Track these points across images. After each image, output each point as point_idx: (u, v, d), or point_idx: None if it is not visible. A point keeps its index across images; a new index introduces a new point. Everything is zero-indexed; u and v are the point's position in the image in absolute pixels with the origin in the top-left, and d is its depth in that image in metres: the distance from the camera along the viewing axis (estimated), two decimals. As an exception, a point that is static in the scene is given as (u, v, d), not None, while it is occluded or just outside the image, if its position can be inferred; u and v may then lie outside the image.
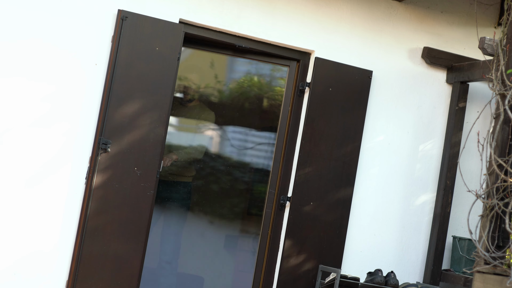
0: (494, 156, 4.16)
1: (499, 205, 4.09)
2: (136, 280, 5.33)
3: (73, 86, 5.30)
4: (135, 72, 5.36)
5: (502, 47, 4.29)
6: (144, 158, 5.36)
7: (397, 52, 6.12)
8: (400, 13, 6.14)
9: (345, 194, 5.89)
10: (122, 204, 5.32)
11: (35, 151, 5.21)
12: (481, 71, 5.85)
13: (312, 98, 5.83)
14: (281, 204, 5.84)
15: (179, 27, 5.47)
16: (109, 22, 5.38)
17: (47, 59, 5.25)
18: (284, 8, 5.82)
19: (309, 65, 5.91)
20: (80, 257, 5.23)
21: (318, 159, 5.83)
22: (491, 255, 4.03)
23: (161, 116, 5.40)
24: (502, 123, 4.20)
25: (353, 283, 5.67)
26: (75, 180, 5.29)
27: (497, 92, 4.24)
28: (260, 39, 5.77)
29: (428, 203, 6.15)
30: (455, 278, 5.89)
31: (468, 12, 6.32)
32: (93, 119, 5.33)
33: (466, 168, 6.02)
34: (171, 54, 5.44)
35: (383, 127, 6.08)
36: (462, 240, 6.01)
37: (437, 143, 6.19)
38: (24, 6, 5.21)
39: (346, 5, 5.99)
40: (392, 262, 6.04)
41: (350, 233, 5.94)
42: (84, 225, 5.24)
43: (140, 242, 5.34)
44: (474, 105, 6.26)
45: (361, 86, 5.96)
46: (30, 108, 5.20)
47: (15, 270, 5.16)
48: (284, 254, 5.75)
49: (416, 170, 6.14)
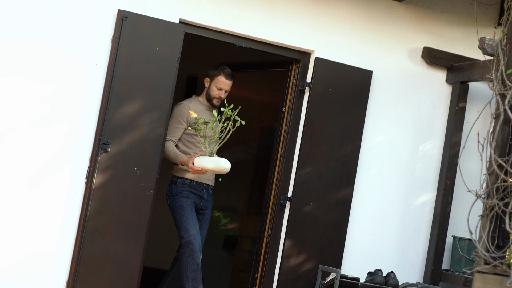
0: (494, 156, 4.17)
1: (499, 205, 4.09)
2: (136, 280, 5.33)
3: (73, 86, 5.30)
4: (135, 72, 5.36)
5: (502, 47, 4.30)
6: (144, 158, 5.36)
7: (397, 52, 6.12)
8: (400, 13, 6.14)
9: (345, 194, 5.89)
10: (122, 204, 5.32)
11: (35, 151, 5.21)
12: (481, 71, 5.85)
13: (312, 98, 5.83)
14: (281, 204, 5.84)
15: (179, 27, 5.47)
16: (109, 22, 5.38)
17: (47, 59, 5.25)
18: (284, 8, 5.82)
19: (309, 65, 5.91)
20: (80, 257, 5.23)
21: (318, 159, 5.83)
22: (491, 255, 4.03)
23: (161, 116, 5.40)
24: (502, 123, 4.20)
25: (353, 283, 5.67)
26: (75, 180, 5.28)
27: (497, 92, 4.24)
28: (260, 39, 5.77)
29: (428, 203, 6.15)
30: (455, 278, 5.89)
31: (468, 12, 6.32)
32: (93, 119, 5.33)
33: (466, 168, 6.02)
34: (171, 54, 5.44)
35: (383, 127, 6.08)
36: (462, 240, 6.01)
37: (437, 143, 6.19)
38: (24, 6, 5.21)
39: (346, 5, 5.99)
40: (392, 262, 6.04)
41: (350, 233, 5.94)
42: (84, 225, 5.24)
43: (140, 242, 5.34)
44: (474, 105, 6.26)
45: (361, 86, 5.96)
46: (30, 108, 5.20)
47: (15, 270, 5.16)
48: (284, 254, 5.75)
49: (416, 170, 6.14)
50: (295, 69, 5.92)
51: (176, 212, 5.65)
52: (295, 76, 5.91)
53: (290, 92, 5.92)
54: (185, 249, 5.52)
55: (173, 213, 5.67)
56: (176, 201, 5.67)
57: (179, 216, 5.63)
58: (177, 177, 5.73)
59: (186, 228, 5.55)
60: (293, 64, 5.93)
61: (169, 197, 5.72)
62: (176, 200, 5.67)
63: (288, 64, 5.98)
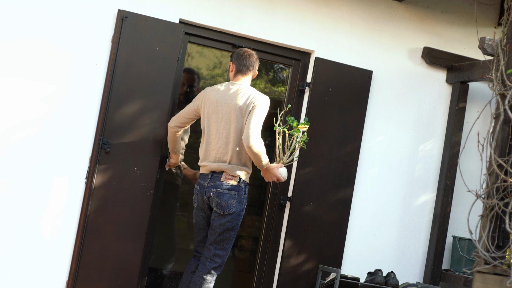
0: (494, 156, 4.16)
1: (499, 205, 4.09)
2: (136, 280, 5.33)
3: (73, 86, 5.30)
4: (135, 72, 5.36)
5: (502, 47, 4.29)
6: (144, 158, 5.36)
7: (397, 52, 6.12)
8: (400, 13, 6.14)
9: (345, 194, 5.89)
10: (122, 204, 5.32)
11: (35, 151, 5.21)
12: (481, 71, 5.85)
13: (312, 98, 5.84)
14: (281, 204, 5.84)
15: (179, 27, 5.48)
16: (109, 22, 5.38)
17: (47, 59, 5.25)
18: (284, 8, 5.82)
19: (309, 65, 5.92)
20: (80, 257, 5.23)
21: (318, 159, 5.83)
22: (491, 255, 4.03)
23: (161, 116, 5.40)
24: (502, 123, 4.20)
25: (353, 283, 5.67)
26: (75, 180, 5.29)
27: (497, 92, 4.24)
28: (260, 39, 5.78)
29: (428, 203, 6.15)
30: (455, 278, 5.89)
31: (468, 12, 6.32)
32: (93, 119, 5.33)
33: (466, 168, 6.02)
34: (171, 54, 5.44)
35: (383, 127, 6.08)
36: (462, 240, 6.01)
37: (437, 143, 6.19)
38: (24, 6, 5.21)
39: (346, 5, 5.99)
40: (392, 262, 6.04)
41: (350, 233, 5.94)
42: (84, 225, 5.24)
43: (140, 242, 5.34)
44: (474, 105, 6.26)
45: (361, 86, 5.96)
46: (30, 108, 5.20)
47: (15, 270, 5.17)
48: (284, 254, 5.75)
49: (416, 170, 6.14)
50: (295, 69, 5.92)
51: (236, 229, 5.02)
52: (294, 76, 5.92)
53: (290, 92, 5.92)
54: (218, 272, 5.03)
55: (232, 231, 4.97)
56: (242, 216, 5.02)
57: (234, 235, 5.02)
58: (246, 183, 5.05)
59: (229, 251, 5.02)
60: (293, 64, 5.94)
61: (240, 208, 4.97)
62: (242, 215, 5.02)
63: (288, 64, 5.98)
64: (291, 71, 5.94)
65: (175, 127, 5.21)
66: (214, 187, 4.95)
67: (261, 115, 4.96)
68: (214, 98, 5.08)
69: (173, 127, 5.22)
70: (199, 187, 5.07)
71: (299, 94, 5.89)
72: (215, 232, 4.96)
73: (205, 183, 5.00)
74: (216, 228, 4.96)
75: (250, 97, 5.01)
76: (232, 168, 4.94)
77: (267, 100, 5.06)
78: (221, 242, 4.95)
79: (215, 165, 4.98)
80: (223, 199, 4.93)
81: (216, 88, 5.15)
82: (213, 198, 4.94)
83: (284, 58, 5.93)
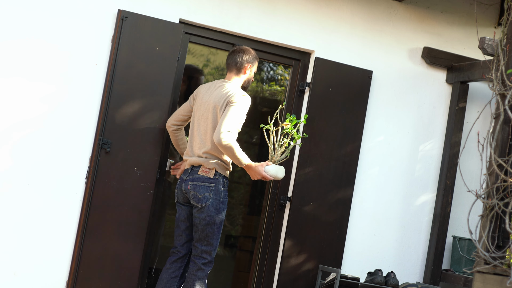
0: (494, 156, 4.17)
1: (499, 205, 4.09)
2: (136, 280, 5.33)
3: (73, 86, 5.30)
4: (135, 72, 5.36)
5: (502, 47, 4.29)
6: (144, 158, 5.36)
7: (397, 52, 6.12)
8: (400, 13, 6.14)
9: (345, 194, 5.89)
10: (122, 204, 5.32)
11: (35, 151, 5.21)
12: (481, 71, 5.85)
13: (312, 98, 5.83)
14: (281, 204, 5.84)
15: (179, 27, 5.47)
16: (109, 22, 5.38)
17: (47, 59, 5.25)
18: (284, 8, 5.82)
19: (309, 65, 5.92)
20: (80, 257, 5.23)
21: (318, 159, 5.83)
22: (491, 255, 4.03)
23: (161, 116, 5.40)
24: (502, 123, 4.20)
25: (353, 283, 5.67)
26: (75, 180, 5.29)
27: (497, 92, 4.24)
28: (260, 39, 5.78)
29: (428, 203, 6.15)
30: (455, 278, 5.89)
31: (468, 12, 6.32)
32: (93, 119, 5.33)
33: (466, 168, 6.02)
34: (171, 54, 5.44)
35: (383, 127, 6.08)
36: (462, 240, 6.01)
37: (437, 143, 6.19)
38: (24, 6, 5.21)
39: (346, 5, 5.99)
40: (392, 262, 6.04)
41: (350, 233, 5.94)
42: (84, 225, 5.24)
43: (140, 242, 5.34)
44: (474, 105, 6.26)
45: (361, 86, 5.96)
46: (30, 108, 5.20)
47: (15, 270, 5.17)
48: (284, 254, 5.75)
49: (416, 170, 6.14)
50: (295, 69, 5.92)
51: (221, 226, 5.01)
52: (295, 76, 5.91)
53: (290, 92, 5.92)
54: (209, 268, 5.05)
55: (214, 225, 4.96)
56: (222, 210, 5.01)
57: (218, 229, 5.01)
58: (223, 176, 5.05)
59: (216, 246, 5.02)
60: (293, 64, 5.93)
61: (217, 201, 4.98)
62: (222, 209, 5.02)
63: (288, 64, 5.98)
64: (291, 71, 5.94)
65: (172, 125, 5.26)
66: (192, 180, 4.99)
67: (235, 113, 4.92)
68: (200, 96, 5.16)
69: (170, 125, 5.27)
70: (179, 181, 5.13)
71: (299, 94, 5.89)
72: (198, 229, 4.99)
73: (184, 176, 5.08)
74: (197, 225, 4.99)
75: (227, 95, 5.00)
76: (208, 162, 4.98)
77: (246, 98, 5.00)
78: (205, 238, 4.97)
79: (193, 159, 5.04)
80: (200, 191, 4.95)
81: (206, 86, 5.21)
82: (190, 191, 4.98)
83: (284, 58, 5.92)
